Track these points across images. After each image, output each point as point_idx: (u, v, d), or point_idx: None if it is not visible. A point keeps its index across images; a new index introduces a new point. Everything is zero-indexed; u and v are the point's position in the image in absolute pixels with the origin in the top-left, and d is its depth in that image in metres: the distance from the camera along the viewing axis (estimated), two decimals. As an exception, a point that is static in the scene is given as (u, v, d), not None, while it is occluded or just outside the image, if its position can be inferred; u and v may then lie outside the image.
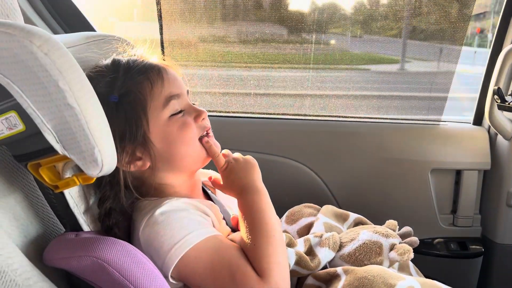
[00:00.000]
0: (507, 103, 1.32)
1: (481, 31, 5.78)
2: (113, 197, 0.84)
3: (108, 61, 0.87)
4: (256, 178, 0.90)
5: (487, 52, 1.63)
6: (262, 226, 0.82)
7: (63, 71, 0.61)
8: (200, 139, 0.89)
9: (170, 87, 0.86)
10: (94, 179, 0.72)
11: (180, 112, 0.87)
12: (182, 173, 0.91)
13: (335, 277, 0.89)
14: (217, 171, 0.96)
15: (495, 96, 1.34)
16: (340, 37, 1.75)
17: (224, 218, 0.93)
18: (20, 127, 0.65)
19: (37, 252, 0.75)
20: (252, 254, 0.79)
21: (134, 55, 0.90)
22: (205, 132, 0.90)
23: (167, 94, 0.85)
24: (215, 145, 0.92)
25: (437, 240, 1.71)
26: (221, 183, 0.93)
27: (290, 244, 0.97)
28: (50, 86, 0.61)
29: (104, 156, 0.66)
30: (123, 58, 0.88)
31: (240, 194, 0.88)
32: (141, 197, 0.87)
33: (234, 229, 0.95)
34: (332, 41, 1.73)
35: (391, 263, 0.98)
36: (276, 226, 0.83)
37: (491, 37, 1.59)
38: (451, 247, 1.68)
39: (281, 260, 0.79)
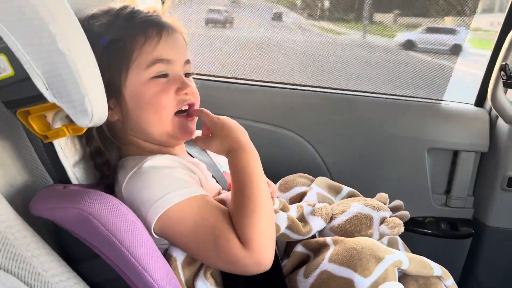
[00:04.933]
0: None
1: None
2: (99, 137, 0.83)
3: (119, 4, 0.84)
4: (248, 139, 0.84)
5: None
6: (250, 189, 0.76)
7: (55, 14, 0.58)
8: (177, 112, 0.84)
9: (164, 50, 0.81)
10: (84, 130, 0.71)
11: (164, 76, 0.82)
12: (153, 141, 0.86)
13: (324, 246, 0.88)
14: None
15: (501, 72, 1.30)
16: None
17: (213, 176, 0.91)
18: (9, 71, 0.63)
19: (23, 202, 0.74)
20: (237, 219, 0.74)
21: (153, 7, 0.86)
22: (185, 107, 0.85)
23: (156, 56, 0.80)
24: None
25: (428, 219, 1.71)
26: (207, 138, 0.86)
27: (283, 209, 0.96)
28: (40, 29, 0.58)
29: (95, 107, 0.64)
30: (135, 7, 0.84)
31: (231, 151, 0.81)
32: (121, 145, 0.86)
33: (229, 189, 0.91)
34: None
35: (381, 237, 0.97)
36: (265, 193, 0.78)
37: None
38: (441, 226, 1.69)
39: (266, 229, 0.74)
